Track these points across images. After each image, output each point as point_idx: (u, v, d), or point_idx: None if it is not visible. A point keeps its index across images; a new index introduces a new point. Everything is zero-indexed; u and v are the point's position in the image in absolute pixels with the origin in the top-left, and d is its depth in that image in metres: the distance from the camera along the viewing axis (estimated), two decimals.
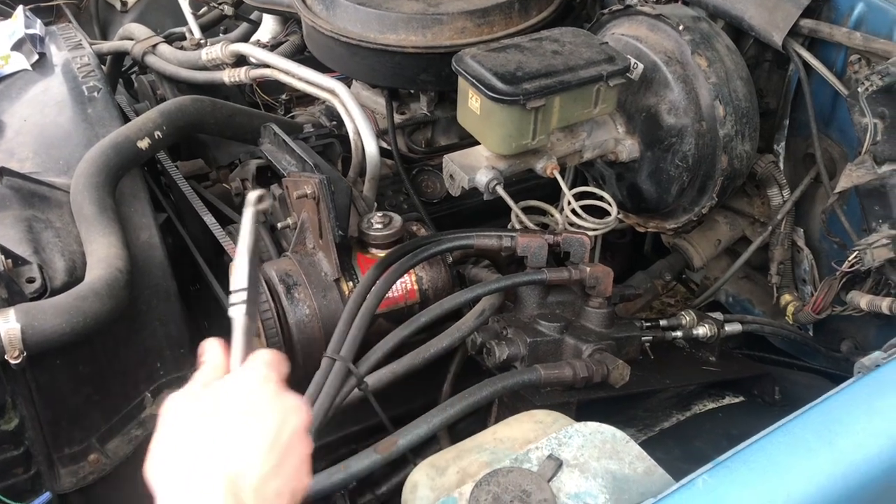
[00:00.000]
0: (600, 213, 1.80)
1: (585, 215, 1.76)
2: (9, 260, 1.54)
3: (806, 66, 1.75)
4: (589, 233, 1.68)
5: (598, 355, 1.50)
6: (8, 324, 1.41)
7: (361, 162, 2.01)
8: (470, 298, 1.54)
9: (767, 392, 1.83)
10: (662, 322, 1.75)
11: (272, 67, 2.22)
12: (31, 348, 1.43)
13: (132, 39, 2.56)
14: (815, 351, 1.98)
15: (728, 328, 1.80)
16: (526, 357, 1.52)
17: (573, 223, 1.76)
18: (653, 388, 1.68)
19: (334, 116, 2.22)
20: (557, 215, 1.84)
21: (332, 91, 2.07)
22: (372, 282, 1.50)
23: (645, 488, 1.07)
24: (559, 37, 1.73)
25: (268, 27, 2.66)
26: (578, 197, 1.78)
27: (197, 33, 2.62)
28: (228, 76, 2.27)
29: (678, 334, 1.75)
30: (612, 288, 1.60)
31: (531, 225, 1.78)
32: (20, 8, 2.30)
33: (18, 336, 1.41)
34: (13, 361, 1.41)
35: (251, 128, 2.08)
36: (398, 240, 1.67)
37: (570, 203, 1.75)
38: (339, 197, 1.58)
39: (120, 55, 2.69)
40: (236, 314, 0.92)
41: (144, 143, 1.87)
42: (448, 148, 2.19)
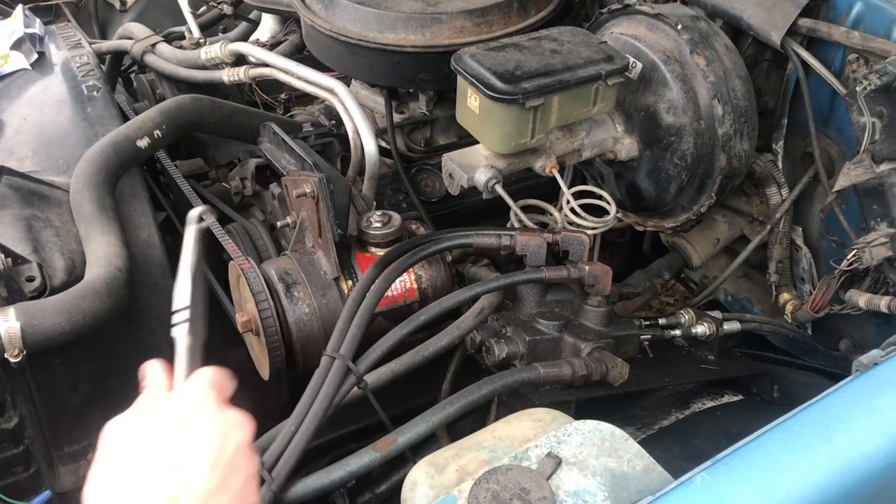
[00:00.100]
0: (599, 212, 1.80)
1: (584, 214, 1.76)
2: (8, 259, 1.54)
3: (804, 66, 1.75)
4: (588, 231, 1.68)
5: (597, 354, 1.50)
6: (7, 322, 1.41)
7: (360, 161, 2.01)
8: (469, 297, 1.54)
9: (766, 390, 1.84)
10: (661, 321, 1.75)
11: (271, 66, 2.22)
12: (31, 347, 1.43)
13: (131, 39, 2.55)
14: (814, 349, 1.98)
15: (727, 327, 1.81)
16: (525, 355, 1.53)
17: (572, 222, 1.76)
18: (652, 387, 1.68)
19: (333, 115, 2.22)
20: (556, 214, 1.84)
21: (332, 90, 2.07)
22: (371, 280, 1.49)
23: (644, 486, 1.08)
24: (558, 36, 1.73)
25: (267, 26, 2.66)
26: (577, 196, 1.78)
27: (196, 32, 2.61)
28: (227, 75, 2.27)
29: (677, 333, 1.75)
30: (611, 286, 1.60)
31: (530, 224, 1.78)
32: (19, 7, 2.30)
33: (18, 335, 1.41)
34: (13, 360, 1.41)
35: (250, 127, 2.08)
36: (397, 238, 1.67)
37: (569, 202, 1.75)
38: (339, 196, 1.58)
39: (119, 54, 2.68)
40: (178, 334, 0.90)
41: (144, 142, 1.86)
42: (447, 147, 2.19)
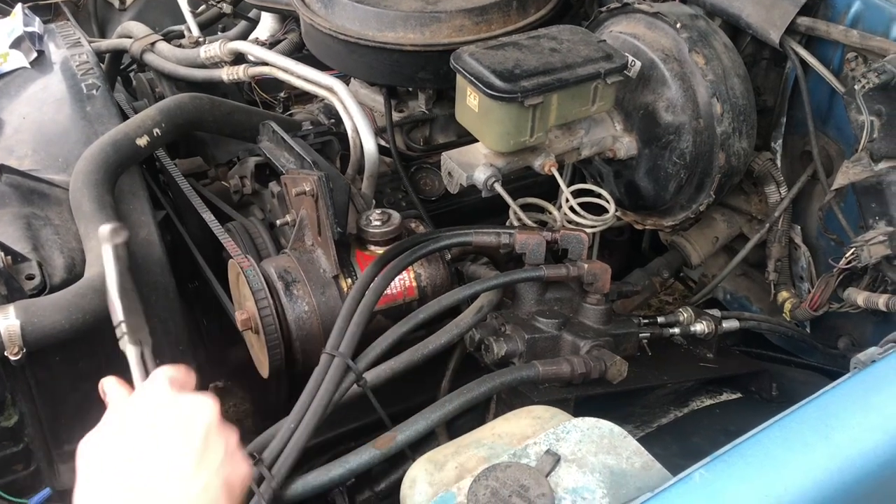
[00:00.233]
0: (598, 211, 1.81)
1: (583, 212, 1.76)
2: (8, 257, 1.54)
3: (803, 64, 1.76)
4: (587, 230, 1.68)
5: (596, 352, 1.51)
6: (7, 320, 1.41)
7: (360, 159, 2.01)
8: (468, 295, 1.54)
9: (765, 388, 1.84)
10: (660, 319, 1.75)
11: (271, 65, 2.22)
12: (31, 345, 1.43)
13: (131, 37, 2.55)
14: (813, 347, 1.99)
15: (726, 325, 1.81)
16: (524, 353, 1.53)
17: (571, 220, 1.76)
18: (650, 385, 1.69)
19: (333, 114, 2.23)
20: (555, 212, 1.84)
21: (331, 89, 2.07)
22: (370, 278, 1.50)
23: (642, 483, 1.08)
24: (557, 35, 1.73)
25: (266, 25, 2.66)
26: (576, 194, 1.78)
27: (195, 31, 2.61)
28: (227, 74, 2.27)
29: (676, 331, 1.75)
30: (610, 285, 1.60)
31: (529, 222, 1.78)
32: (19, 6, 2.30)
33: (18, 332, 1.41)
34: (13, 358, 1.42)
35: (250, 125, 2.08)
36: (396, 237, 1.67)
37: (568, 200, 1.76)
38: (338, 194, 1.58)
39: (118, 53, 2.69)
40: (126, 347, 0.94)
41: (143, 141, 1.87)
42: (446, 145, 2.19)
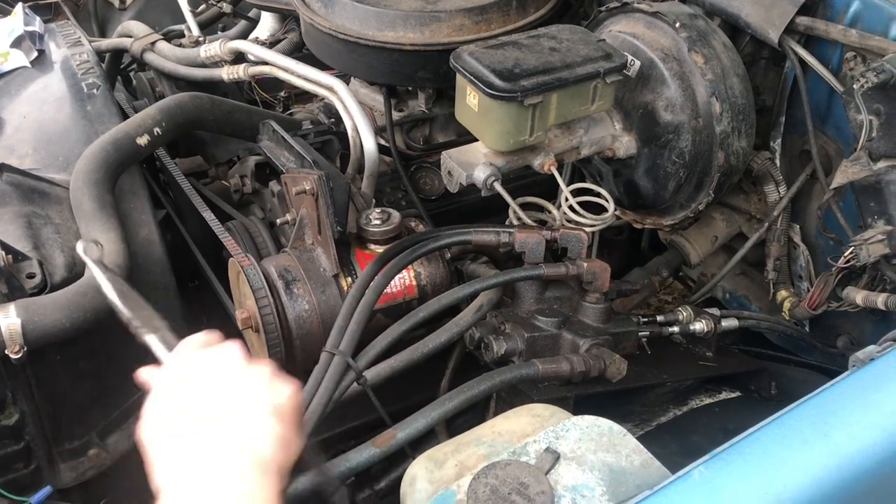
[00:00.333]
0: (597, 210, 1.81)
1: (583, 211, 1.77)
2: (9, 256, 1.55)
3: (802, 64, 1.76)
4: (586, 229, 1.69)
5: (596, 350, 1.51)
6: (8, 319, 1.41)
7: (360, 159, 2.02)
8: (468, 294, 1.55)
9: (764, 387, 1.84)
10: (659, 317, 1.76)
11: (271, 65, 2.22)
12: (32, 343, 1.44)
13: (131, 37, 2.56)
14: (812, 346, 1.99)
15: (725, 324, 1.81)
16: (524, 352, 1.53)
17: (570, 219, 1.77)
18: (650, 383, 1.69)
19: (332, 113, 2.23)
20: (555, 211, 1.84)
21: (331, 88, 2.08)
22: (370, 277, 1.50)
23: (641, 480, 1.08)
24: (556, 34, 1.73)
25: (266, 25, 2.66)
26: (576, 193, 1.79)
27: (195, 31, 2.61)
28: (227, 73, 2.28)
29: (675, 330, 1.75)
30: (610, 283, 1.61)
31: (529, 221, 1.79)
32: (19, 5, 2.30)
33: (19, 331, 1.41)
34: (14, 356, 1.42)
35: (250, 125, 2.08)
36: (396, 236, 1.67)
37: (568, 199, 1.76)
38: (338, 193, 1.58)
39: (118, 52, 2.69)
40: (144, 337, 0.98)
41: (144, 140, 1.87)
42: (446, 145, 2.19)
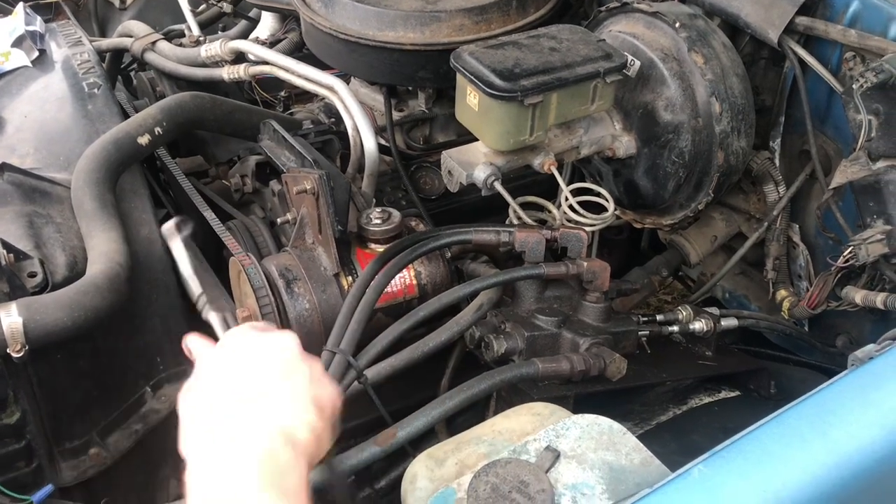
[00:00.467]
0: (597, 209, 1.81)
1: (583, 211, 1.77)
2: (10, 255, 1.55)
3: (801, 64, 1.76)
4: (586, 228, 1.69)
5: (596, 349, 1.51)
6: (10, 317, 1.42)
7: (360, 158, 2.02)
8: (468, 293, 1.55)
9: (763, 386, 1.84)
10: (659, 317, 1.76)
11: (271, 64, 2.22)
12: (33, 342, 1.44)
13: (131, 37, 2.56)
14: (811, 346, 1.99)
15: (724, 323, 1.81)
16: (524, 351, 1.54)
17: (570, 219, 1.77)
18: (649, 382, 1.69)
19: (333, 113, 2.23)
20: (555, 211, 1.85)
21: (331, 88, 2.08)
22: (371, 276, 1.50)
23: (641, 479, 1.09)
24: (556, 34, 1.74)
25: (266, 24, 2.66)
26: (576, 193, 1.79)
27: (196, 30, 2.62)
28: (228, 73, 2.28)
29: (675, 329, 1.75)
30: (609, 283, 1.61)
31: (529, 220, 1.79)
32: (20, 5, 2.31)
33: (21, 329, 1.42)
34: (15, 355, 1.42)
35: (250, 124, 2.08)
36: (397, 235, 1.68)
37: (568, 199, 1.76)
38: (339, 192, 1.59)
39: (119, 52, 2.69)
40: (209, 314, 1.03)
41: (144, 140, 1.87)
42: (446, 144, 2.19)
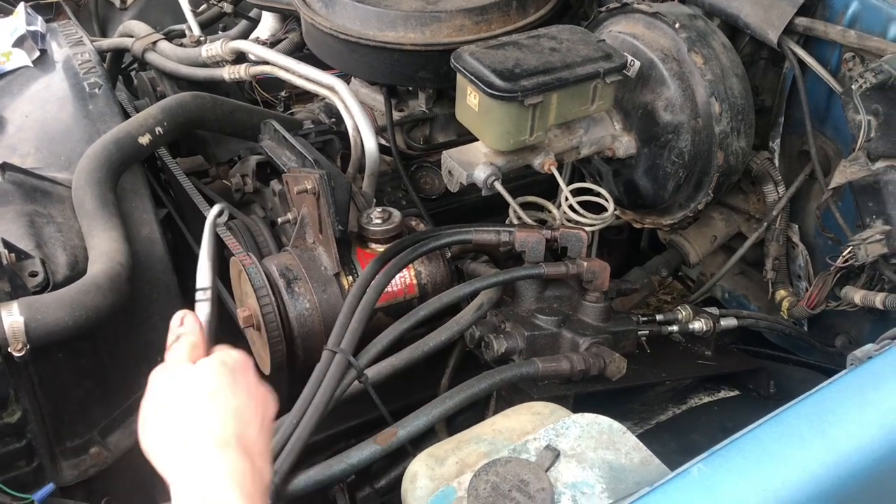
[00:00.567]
0: (597, 209, 1.82)
1: (583, 211, 1.77)
2: (12, 254, 1.55)
3: (801, 64, 1.77)
4: (586, 228, 1.69)
5: (595, 349, 1.52)
6: (11, 316, 1.42)
7: (360, 158, 2.02)
8: (468, 293, 1.55)
9: (762, 386, 1.85)
10: (659, 317, 1.76)
11: (272, 64, 2.23)
12: (35, 341, 1.44)
13: (132, 36, 2.56)
14: (810, 346, 2.00)
15: (724, 323, 1.81)
16: (524, 350, 1.54)
17: (570, 219, 1.77)
18: (649, 382, 1.69)
19: (333, 113, 2.23)
20: (555, 211, 1.85)
21: (332, 88, 2.08)
22: (371, 276, 1.50)
23: (641, 478, 1.09)
24: (557, 34, 1.74)
25: (267, 24, 2.67)
26: (576, 193, 1.79)
27: (196, 31, 2.62)
28: (228, 73, 2.28)
29: (674, 329, 1.75)
30: (609, 283, 1.62)
31: (529, 220, 1.79)
32: (21, 5, 2.31)
33: (22, 329, 1.42)
34: (16, 354, 1.43)
35: (251, 124, 2.09)
36: (397, 235, 1.68)
37: (568, 199, 1.77)
38: (339, 192, 1.59)
39: (120, 52, 2.69)
40: (199, 308, 1.01)
41: (145, 139, 1.88)
42: (446, 144, 2.20)
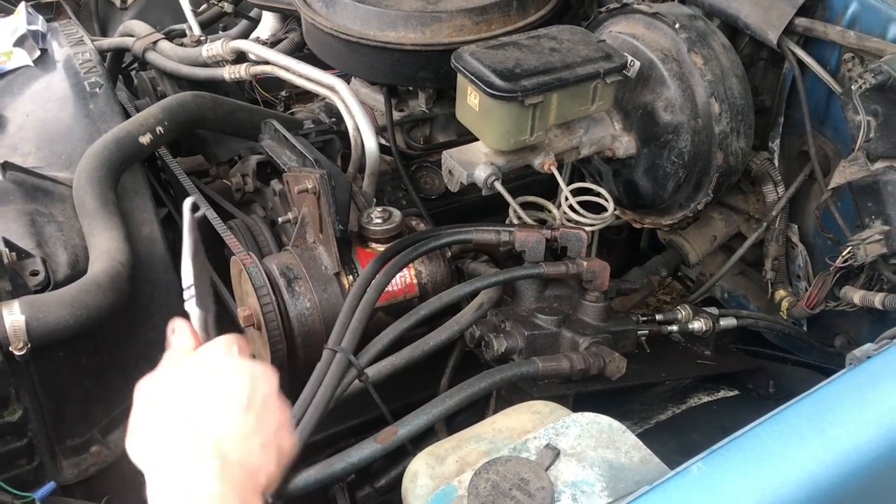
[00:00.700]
0: (597, 209, 1.82)
1: (583, 211, 1.78)
2: (13, 253, 1.56)
3: (800, 65, 1.77)
4: (586, 228, 1.70)
5: (595, 348, 1.52)
6: (13, 315, 1.42)
7: (361, 158, 2.03)
8: (468, 292, 1.55)
9: (762, 386, 1.85)
10: (658, 316, 1.76)
11: (272, 64, 2.23)
12: (36, 340, 1.45)
13: (132, 36, 2.57)
14: (809, 346, 2.00)
15: (723, 323, 1.81)
16: (524, 350, 1.54)
17: (570, 219, 1.78)
18: (649, 381, 1.70)
19: (333, 113, 2.24)
20: (555, 211, 1.85)
21: (332, 88, 2.08)
22: (372, 275, 1.51)
23: (641, 477, 1.09)
24: (557, 34, 1.75)
25: (267, 24, 2.67)
26: (576, 193, 1.80)
27: (196, 30, 2.62)
28: (229, 73, 2.28)
29: (674, 328, 1.76)
30: (609, 282, 1.62)
31: (529, 220, 1.80)
32: (22, 4, 2.32)
33: (23, 328, 1.42)
34: (18, 353, 1.43)
35: (252, 124, 2.09)
36: (397, 234, 1.68)
37: (568, 199, 1.77)
38: (340, 192, 1.59)
39: (120, 52, 2.69)
40: (190, 309, 0.98)
41: (146, 139, 1.88)
42: (446, 144, 2.20)
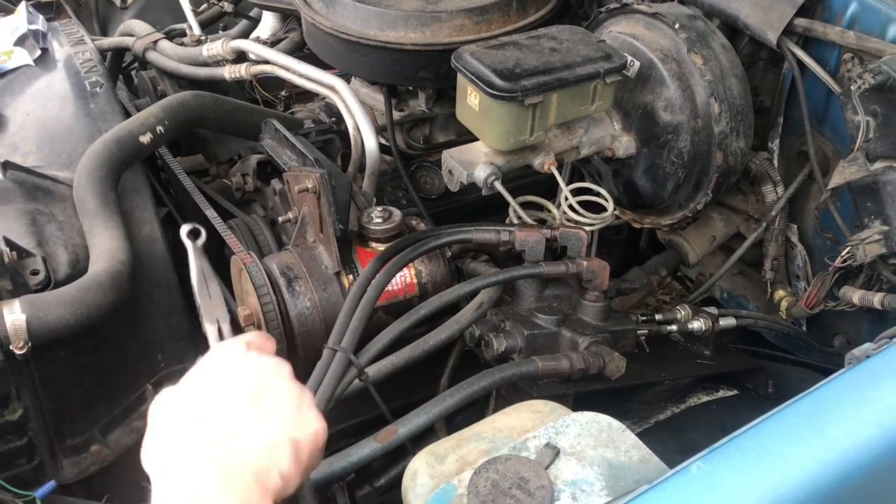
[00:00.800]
0: (597, 209, 1.82)
1: (582, 211, 1.78)
2: (13, 252, 1.56)
3: (800, 65, 1.77)
4: (586, 228, 1.70)
5: (595, 348, 1.52)
6: (13, 314, 1.43)
7: (361, 158, 2.03)
8: (468, 292, 1.56)
9: (761, 386, 1.85)
10: (658, 316, 1.77)
11: (272, 64, 2.23)
12: (36, 339, 1.45)
13: (133, 36, 2.57)
14: (809, 346, 2.00)
15: (722, 323, 1.82)
16: (523, 349, 1.55)
17: (570, 218, 1.78)
18: (648, 381, 1.70)
19: (334, 113, 2.24)
20: (555, 210, 1.85)
21: (332, 87, 2.09)
22: (372, 275, 1.51)
23: (640, 476, 1.10)
24: (557, 34, 1.75)
25: (267, 24, 2.67)
26: (575, 193, 1.80)
27: (197, 30, 2.63)
28: (229, 72, 2.29)
29: (673, 328, 1.76)
30: (609, 282, 1.62)
31: (529, 220, 1.80)
32: (23, 3, 2.32)
33: (24, 327, 1.43)
34: (18, 352, 1.43)
35: (252, 123, 2.09)
36: (397, 234, 1.68)
37: (568, 199, 1.77)
38: (340, 191, 1.60)
39: (120, 51, 2.70)
40: (205, 327, 0.99)
41: (146, 138, 1.88)
42: (446, 144, 2.20)
